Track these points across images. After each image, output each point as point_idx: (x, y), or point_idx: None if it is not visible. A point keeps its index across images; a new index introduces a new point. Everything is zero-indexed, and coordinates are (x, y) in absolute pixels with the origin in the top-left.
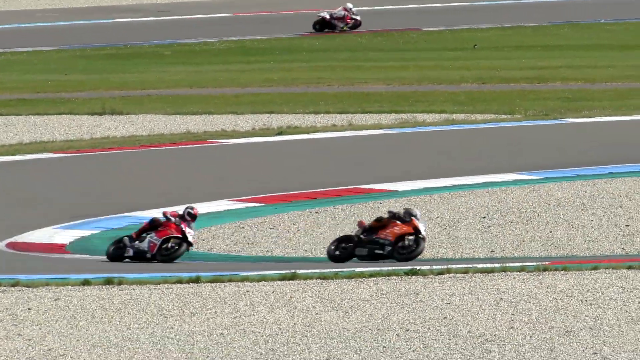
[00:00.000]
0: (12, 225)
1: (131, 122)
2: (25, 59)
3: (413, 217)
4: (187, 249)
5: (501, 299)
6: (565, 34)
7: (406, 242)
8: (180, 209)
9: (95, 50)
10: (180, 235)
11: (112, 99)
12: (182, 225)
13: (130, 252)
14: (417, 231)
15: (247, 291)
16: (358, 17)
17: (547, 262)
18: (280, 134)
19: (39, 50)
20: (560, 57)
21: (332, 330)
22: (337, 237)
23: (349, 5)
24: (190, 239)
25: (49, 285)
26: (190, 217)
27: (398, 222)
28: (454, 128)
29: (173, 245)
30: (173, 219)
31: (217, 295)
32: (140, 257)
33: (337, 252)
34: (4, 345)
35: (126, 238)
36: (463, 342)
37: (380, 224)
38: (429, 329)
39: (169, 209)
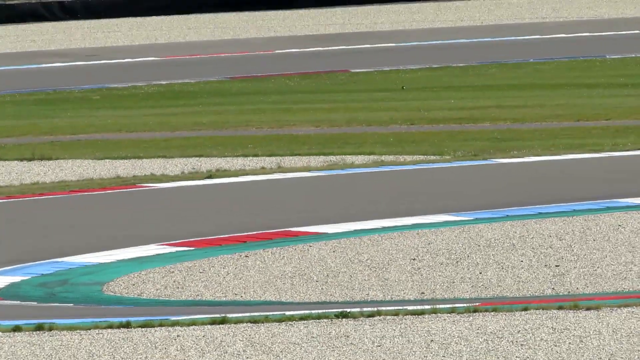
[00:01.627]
0: None
1: (60, 167)
2: None
3: None
4: None
5: (432, 340)
6: (493, 73)
7: None
8: None
9: (24, 95)
10: None
11: (42, 144)
12: None
13: None
14: None
15: (178, 335)
16: None
17: (477, 304)
18: (209, 177)
19: None
20: (489, 97)
21: None
22: None
23: None
24: None
25: None
26: None
27: None
28: (383, 169)
29: None
30: None
31: (147, 340)
32: None
33: None
34: None
35: None
36: None
37: None
38: None
39: None
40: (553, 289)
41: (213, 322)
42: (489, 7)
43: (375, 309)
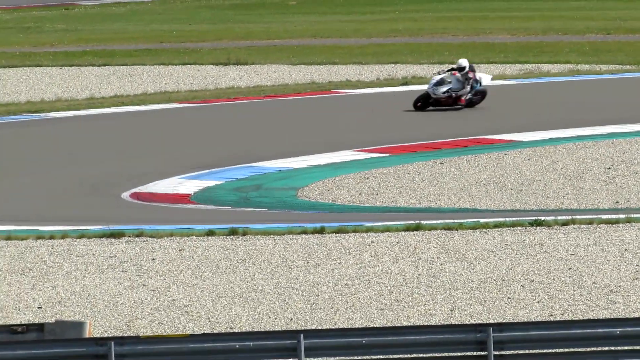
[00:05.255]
0: (136, 175)
1: (256, 72)
2: (149, 9)
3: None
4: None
5: (626, 249)
6: None
7: None
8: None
9: (220, 0)
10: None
11: (237, 49)
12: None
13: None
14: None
15: (372, 242)
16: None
17: None
18: (405, 84)
19: None
20: None
21: (456, 281)
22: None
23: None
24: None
25: (173, 236)
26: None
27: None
28: (579, 79)
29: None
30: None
31: (341, 246)
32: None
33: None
34: (128, 295)
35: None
36: (587, 293)
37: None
38: (554, 279)
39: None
40: None
41: (407, 228)
42: None
43: (570, 217)
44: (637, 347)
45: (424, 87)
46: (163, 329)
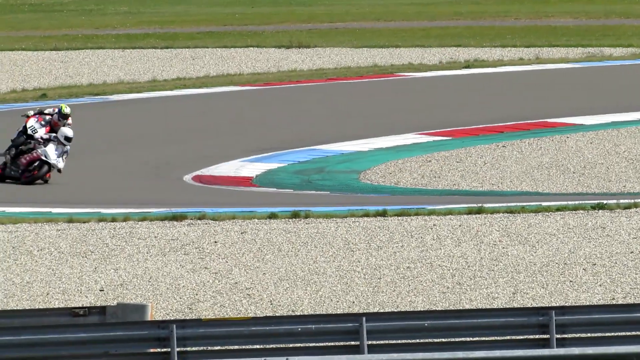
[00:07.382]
0: (199, 158)
1: (318, 55)
2: None
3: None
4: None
5: None
6: None
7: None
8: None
9: None
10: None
11: (299, 31)
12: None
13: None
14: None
15: (434, 225)
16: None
17: None
18: (467, 67)
19: None
20: None
21: (518, 264)
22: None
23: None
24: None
25: (235, 219)
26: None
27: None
28: None
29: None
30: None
31: (403, 229)
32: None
33: None
34: (190, 278)
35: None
36: None
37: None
38: (616, 263)
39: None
40: None
41: (469, 211)
42: None
43: (632, 201)
44: None
45: (488, 70)
46: (225, 311)
